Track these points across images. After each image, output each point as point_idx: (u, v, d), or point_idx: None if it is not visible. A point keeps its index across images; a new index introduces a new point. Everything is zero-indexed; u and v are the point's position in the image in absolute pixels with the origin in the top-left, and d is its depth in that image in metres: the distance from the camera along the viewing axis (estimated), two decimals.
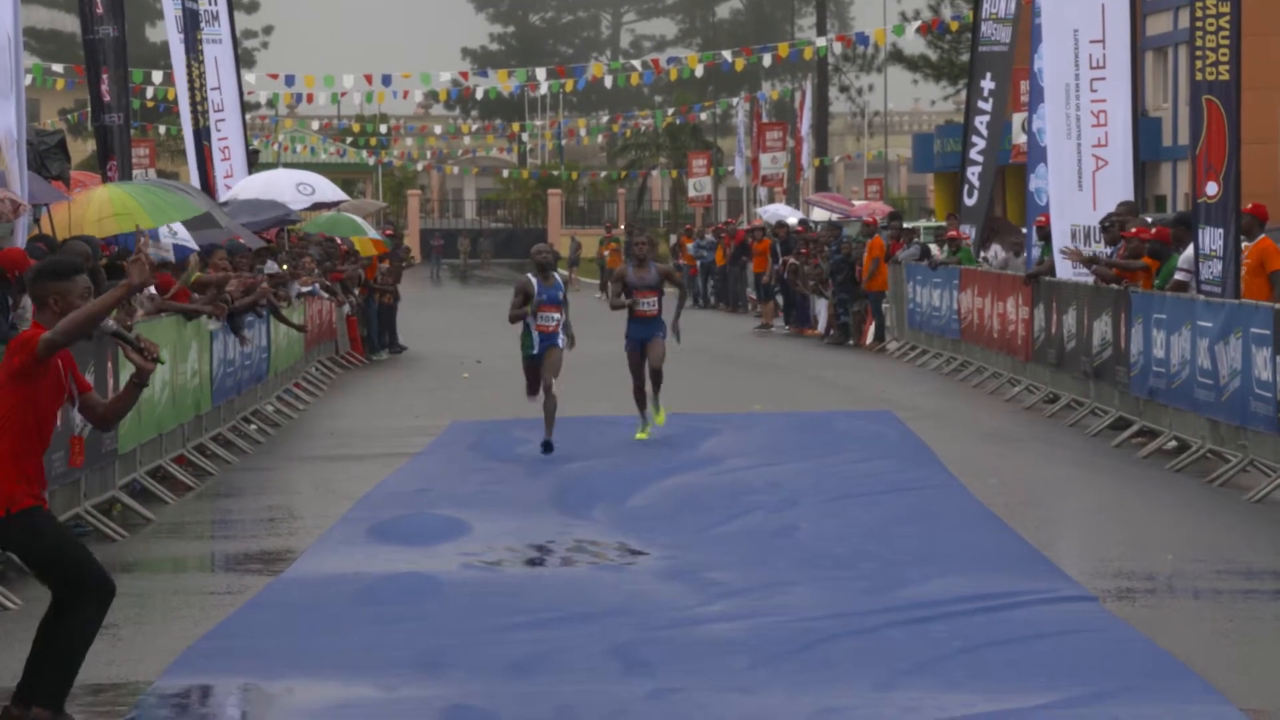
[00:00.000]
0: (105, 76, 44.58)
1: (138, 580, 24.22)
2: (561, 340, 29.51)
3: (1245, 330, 31.89)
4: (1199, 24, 37.84)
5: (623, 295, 34.47)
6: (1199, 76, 37.46)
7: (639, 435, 35.70)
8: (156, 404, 32.14)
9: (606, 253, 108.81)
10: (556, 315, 29.42)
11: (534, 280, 27.75)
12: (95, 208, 36.60)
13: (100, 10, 44.17)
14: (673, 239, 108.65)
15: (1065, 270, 44.55)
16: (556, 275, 27.60)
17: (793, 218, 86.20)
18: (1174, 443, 34.39)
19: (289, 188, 56.90)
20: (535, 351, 29.05)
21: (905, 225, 71.82)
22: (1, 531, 15.65)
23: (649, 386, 35.04)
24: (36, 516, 15.87)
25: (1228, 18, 36.54)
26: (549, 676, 17.35)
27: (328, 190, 59.66)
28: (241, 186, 55.56)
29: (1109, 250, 42.22)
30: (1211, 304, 34.51)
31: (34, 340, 15.80)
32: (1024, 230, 51.67)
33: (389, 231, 71.20)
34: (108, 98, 44.50)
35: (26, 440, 15.83)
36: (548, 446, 31.69)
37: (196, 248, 39.88)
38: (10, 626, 18.21)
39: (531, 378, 30.40)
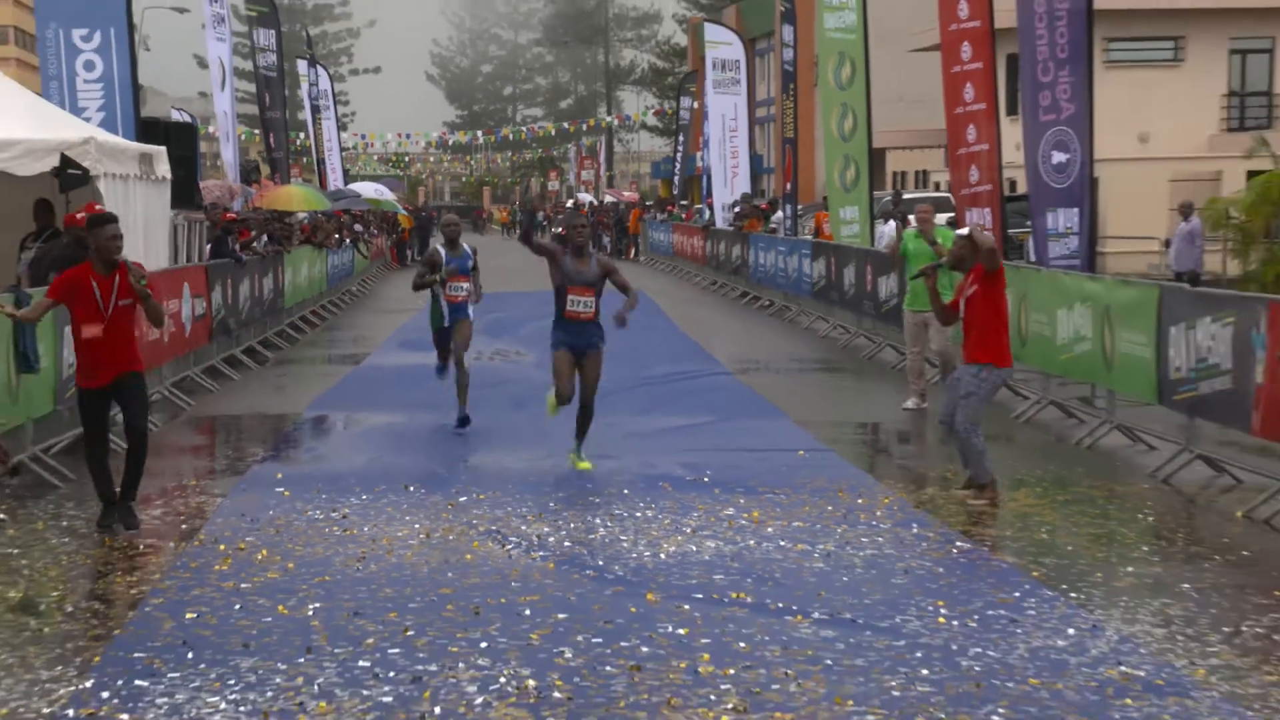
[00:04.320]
0: (271, 136, 44.32)
1: (294, 366, 24.24)
2: (471, 310, 17.73)
3: (799, 251, 32.08)
4: (784, 109, 37.78)
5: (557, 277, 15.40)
6: (785, 135, 37.47)
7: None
8: (301, 286, 32.00)
9: (504, 214, 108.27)
10: (465, 285, 17.62)
11: (442, 251, 17.48)
12: (284, 195, 36.60)
13: (264, 104, 43.93)
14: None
15: (721, 223, 44.69)
16: (465, 246, 17.61)
17: (589, 198, 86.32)
18: (770, 304, 34.54)
19: (371, 190, 56.74)
20: (445, 324, 17.46)
21: (647, 203, 72.11)
22: (141, 381, 12.16)
23: (575, 419, 15.60)
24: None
25: (794, 107, 36.45)
26: (484, 413, 17.30)
27: (388, 193, 59.42)
28: (344, 190, 55.36)
29: (734, 215, 42.82)
30: (786, 240, 34.77)
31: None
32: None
33: (410, 206, 71.77)
34: (273, 145, 44.25)
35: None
36: (464, 421, 17.37)
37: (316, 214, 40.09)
38: None
39: (442, 349, 17.85)
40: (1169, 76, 47.76)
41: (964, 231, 13.26)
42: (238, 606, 9.65)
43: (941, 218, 22.47)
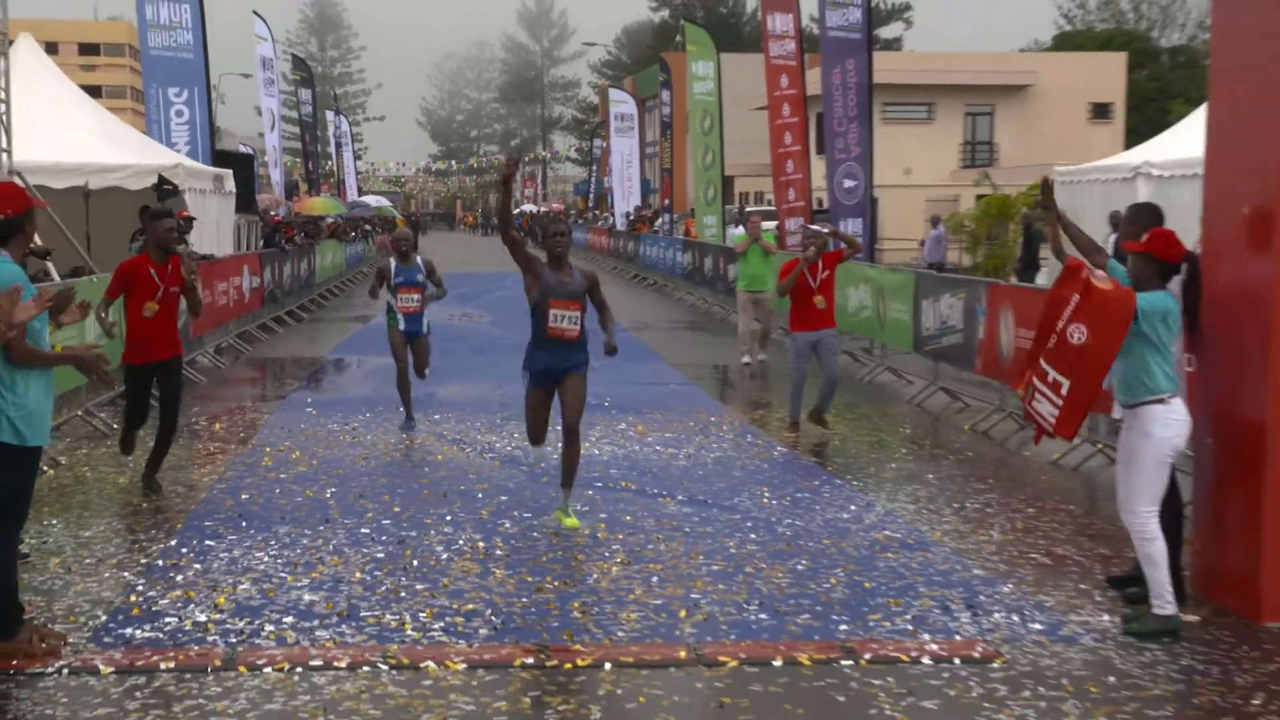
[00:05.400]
0: (309, 163, 43.64)
1: (321, 324, 23.58)
2: (426, 323, 12.44)
3: (674, 246, 31.99)
4: (664, 148, 37.58)
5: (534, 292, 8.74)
6: (664, 166, 37.30)
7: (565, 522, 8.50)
8: (327, 267, 31.57)
9: (468, 219, 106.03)
10: (416, 296, 12.31)
11: (393, 263, 12.35)
12: (316, 204, 36.25)
13: (304, 139, 43.25)
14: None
15: (620, 226, 44.44)
16: (418, 259, 12.49)
17: (531, 207, 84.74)
18: (654, 282, 34.26)
19: (376, 201, 56.01)
20: (402, 328, 12.24)
21: (570, 211, 71.65)
22: (181, 364, 9.89)
23: (560, 458, 8.88)
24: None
25: (670, 147, 36.17)
26: (452, 357, 16.97)
27: (388, 203, 58.66)
28: (358, 200, 54.47)
29: (629, 220, 42.45)
30: (665, 238, 34.63)
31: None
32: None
33: (404, 213, 70.45)
34: (310, 169, 43.59)
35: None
36: (410, 423, 12.21)
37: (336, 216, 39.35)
38: None
39: (399, 356, 12.25)
40: (924, 130, 48.16)
41: (819, 228, 12.88)
42: (277, 490, 9.55)
43: (769, 224, 22.46)
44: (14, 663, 5.89)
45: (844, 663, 5.94)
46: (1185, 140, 18.16)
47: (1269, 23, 6.61)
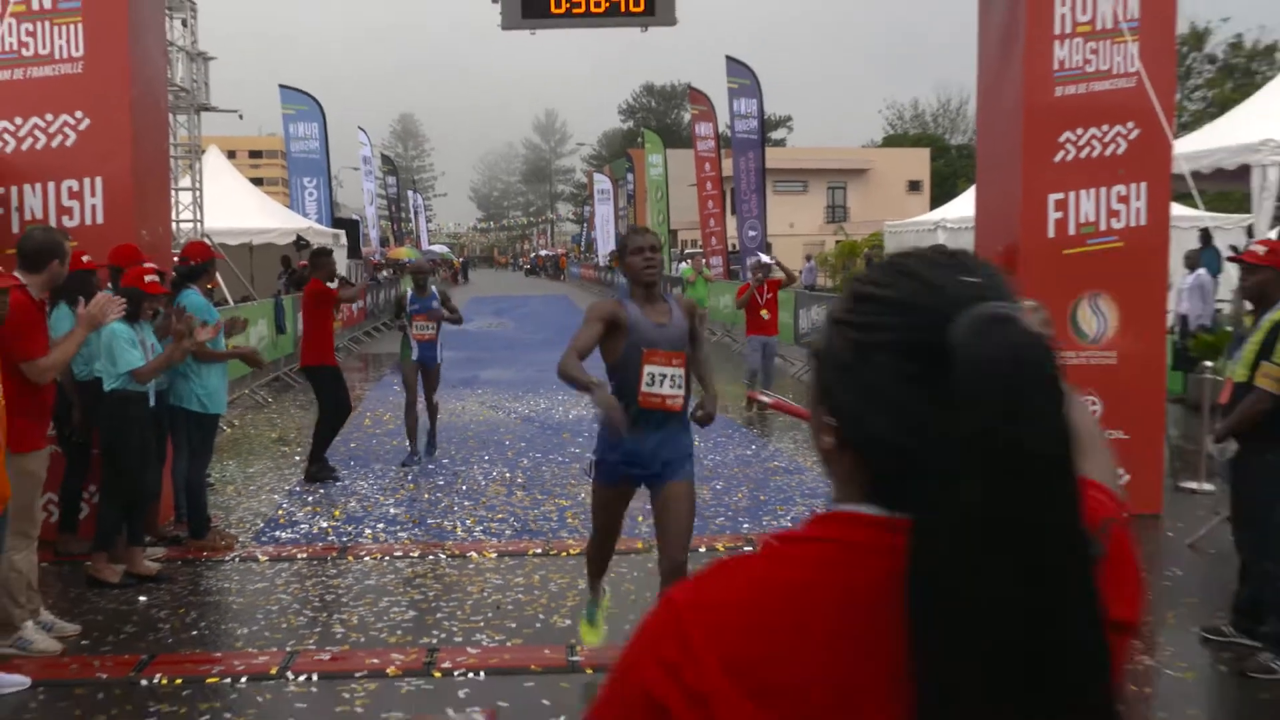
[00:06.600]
0: (395, 224, 43.14)
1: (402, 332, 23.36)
2: (440, 353, 8.39)
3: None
4: (629, 212, 37.09)
5: (594, 372, 2.89)
6: (630, 223, 36.73)
7: (585, 636, 3.76)
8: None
9: (503, 260, 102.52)
10: (431, 325, 8.24)
11: (409, 292, 8.33)
12: (395, 252, 35.51)
13: (391, 209, 42.78)
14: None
15: (602, 263, 43.65)
16: (432, 289, 8.37)
17: (546, 251, 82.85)
18: None
19: (440, 249, 55.08)
20: (415, 357, 8.25)
21: (569, 254, 70.43)
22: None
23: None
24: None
25: (633, 210, 35.92)
26: (492, 350, 16.80)
27: (448, 251, 57.85)
28: (429, 249, 53.79)
29: (609, 259, 41.50)
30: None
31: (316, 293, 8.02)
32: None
33: (458, 257, 69.11)
34: (396, 230, 43.04)
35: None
36: (431, 450, 8.44)
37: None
38: None
39: (410, 386, 8.28)
40: (801, 198, 48.25)
41: (765, 259, 11.89)
42: (374, 441, 9.46)
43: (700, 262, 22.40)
44: (204, 554, 5.98)
45: (746, 548, 5.97)
46: (968, 205, 18.27)
47: (991, 143, 6.82)
